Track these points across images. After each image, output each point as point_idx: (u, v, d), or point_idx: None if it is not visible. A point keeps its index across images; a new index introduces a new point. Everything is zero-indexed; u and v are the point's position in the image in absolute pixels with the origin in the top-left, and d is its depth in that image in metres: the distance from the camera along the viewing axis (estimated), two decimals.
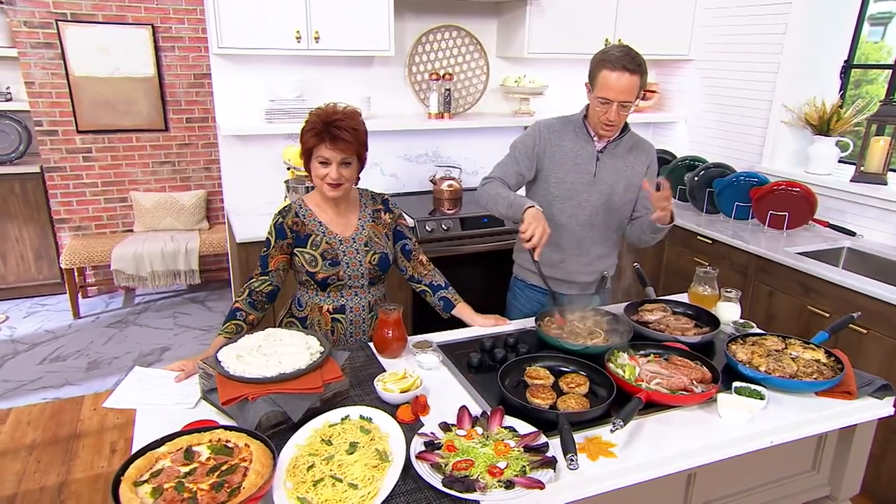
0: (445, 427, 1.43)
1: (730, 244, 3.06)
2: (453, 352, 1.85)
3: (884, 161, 3.01)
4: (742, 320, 2.06)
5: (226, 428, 1.33)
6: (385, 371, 1.68)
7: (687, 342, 1.84)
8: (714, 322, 1.98)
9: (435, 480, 1.24)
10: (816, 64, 3.31)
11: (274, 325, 2.00)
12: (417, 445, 1.35)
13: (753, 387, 1.60)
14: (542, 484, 1.24)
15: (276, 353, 1.55)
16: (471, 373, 1.74)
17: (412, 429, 1.43)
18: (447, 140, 3.78)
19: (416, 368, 1.73)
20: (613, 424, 1.39)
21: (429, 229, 3.16)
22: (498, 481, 1.25)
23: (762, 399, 1.57)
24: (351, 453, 1.30)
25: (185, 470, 1.21)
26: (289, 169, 3.18)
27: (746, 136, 3.61)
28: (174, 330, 4.21)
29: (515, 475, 1.26)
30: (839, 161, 3.27)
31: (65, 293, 4.46)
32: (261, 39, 2.94)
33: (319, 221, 1.95)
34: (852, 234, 3.03)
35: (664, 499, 1.53)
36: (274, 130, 3.18)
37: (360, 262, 1.95)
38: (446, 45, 3.62)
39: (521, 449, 1.34)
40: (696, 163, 3.70)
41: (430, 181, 3.58)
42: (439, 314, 2.11)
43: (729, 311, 2.07)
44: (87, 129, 4.41)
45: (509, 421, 1.44)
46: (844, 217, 3.13)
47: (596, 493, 1.33)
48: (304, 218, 1.94)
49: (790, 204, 3.11)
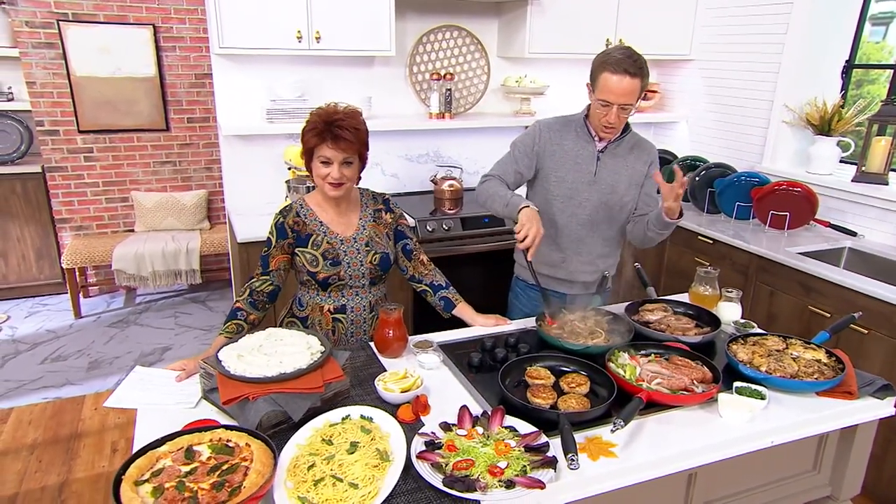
0: (446, 427, 1.43)
1: (731, 244, 3.06)
2: (454, 351, 1.85)
3: (885, 161, 3.00)
4: (743, 320, 2.05)
5: (226, 427, 1.33)
6: (386, 371, 1.68)
7: (688, 342, 1.84)
8: (715, 322, 1.98)
9: (435, 480, 1.24)
10: (818, 64, 3.31)
11: (275, 324, 2.00)
12: (418, 445, 1.35)
13: (754, 387, 1.60)
14: (542, 484, 1.24)
15: (276, 352, 1.55)
16: (471, 372, 1.74)
17: (413, 428, 1.43)
18: (448, 140, 3.78)
19: (417, 368, 1.73)
20: (614, 424, 1.39)
21: (430, 229, 3.16)
22: (498, 481, 1.25)
23: (763, 399, 1.57)
24: (351, 453, 1.30)
25: (185, 469, 1.21)
26: (290, 169, 3.18)
27: (747, 136, 3.61)
28: (175, 330, 4.21)
29: (516, 475, 1.26)
30: (840, 161, 3.27)
31: (66, 293, 4.47)
32: (262, 39, 2.94)
33: (320, 221, 1.95)
34: (853, 234, 3.03)
35: (665, 499, 1.53)
36: (275, 130, 3.18)
37: (361, 261, 1.95)
38: (447, 45, 3.62)
39: (522, 449, 1.34)
40: (697, 163, 3.70)
41: (431, 181, 3.58)
42: (440, 314, 2.11)
43: (730, 311, 2.07)
44: (89, 128, 4.41)
45: (510, 421, 1.45)
46: (845, 217, 3.12)
47: (596, 492, 1.33)
48: (305, 218, 1.94)
49: (791, 204, 3.11)
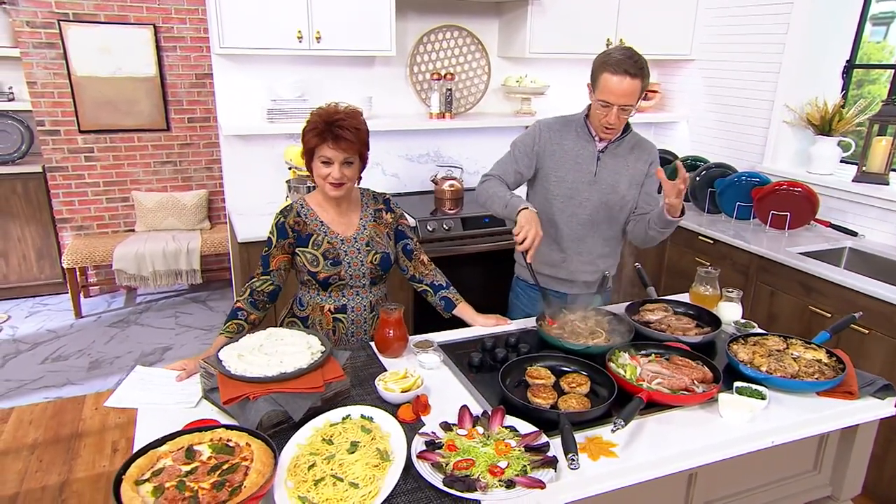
0: (446, 426, 1.43)
1: (731, 244, 3.06)
2: (454, 351, 1.85)
3: (886, 161, 3.00)
4: (743, 320, 2.05)
5: (227, 427, 1.33)
6: (386, 370, 1.68)
7: (688, 342, 1.84)
8: (715, 322, 1.98)
9: (436, 480, 1.24)
10: (818, 64, 3.31)
11: (275, 324, 2.00)
12: (418, 445, 1.35)
13: (755, 387, 1.60)
14: (542, 483, 1.24)
15: (277, 352, 1.55)
16: (472, 372, 1.74)
17: (413, 428, 1.43)
18: (448, 140, 3.78)
19: (417, 368, 1.73)
20: (614, 424, 1.39)
21: (430, 229, 3.16)
22: (499, 481, 1.25)
23: (763, 399, 1.56)
24: (352, 452, 1.30)
25: (186, 469, 1.21)
26: (290, 169, 3.18)
27: (748, 136, 3.61)
28: (176, 329, 4.21)
29: (516, 475, 1.26)
30: (841, 161, 3.27)
31: (67, 293, 4.47)
32: (262, 39, 2.94)
33: (321, 221, 1.95)
34: (854, 234, 3.03)
35: (665, 499, 1.53)
36: (275, 130, 3.18)
37: (362, 261, 1.95)
38: (448, 45, 3.62)
39: (522, 448, 1.34)
40: (697, 163, 3.70)
41: (432, 181, 3.58)
42: (440, 314, 2.11)
43: (730, 311, 2.07)
44: (89, 128, 4.42)
45: (510, 420, 1.45)
46: (846, 217, 3.12)
47: (597, 492, 1.33)
48: (306, 217, 1.94)
49: (792, 204, 3.11)
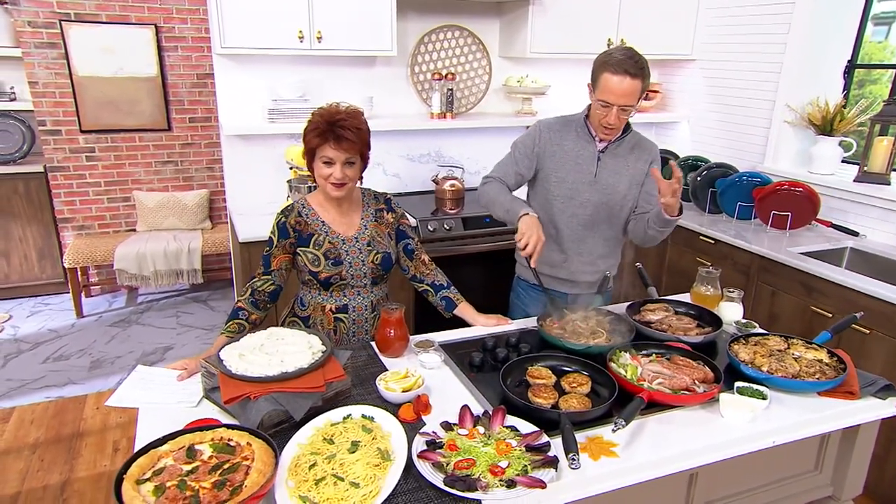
0: (447, 426, 1.43)
1: (732, 244, 3.06)
2: (455, 351, 1.86)
3: (887, 161, 3.00)
4: (744, 320, 2.05)
5: (228, 426, 1.33)
6: (387, 370, 1.68)
7: (689, 342, 1.84)
8: (716, 322, 1.98)
9: (436, 479, 1.24)
10: (820, 64, 3.30)
11: (276, 324, 2.00)
12: (419, 444, 1.35)
13: (756, 387, 1.60)
14: (543, 483, 1.24)
15: (278, 352, 1.55)
16: (472, 372, 1.75)
17: (414, 428, 1.43)
18: (449, 140, 3.78)
19: (418, 368, 1.73)
20: (615, 424, 1.39)
21: (431, 229, 3.16)
22: (499, 480, 1.25)
23: (764, 399, 1.56)
24: (353, 452, 1.30)
25: (187, 468, 1.21)
26: (291, 168, 3.18)
27: (749, 136, 3.60)
28: (177, 329, 4.21)
29: (517, 474, 1.26)
30: (842, 161, 3.27)
31: (68, 292, 4.47)
32: (263, 39, 2.95)
33: (322, 221, 1.95)
34: (855, 234, 3.03)
35: (666, 499, 1.53)
36: (276, 130, 3.19)
37: (363, 261, 1.95)
38: (449, 45, 3.62)
39: (523, 448, 1.34)
40: (698, 163, 3.70)
41: (433, 181, 3.58)
42: (441, 314, 2.11)
43: (731, 311, 2.07)
44: (91, 128, 4.42)
45: (511, 420, 1.45)
46: (847, 217, 3.12)
47: (597, 492, 1.32)
48: (307, 217, 1.94)
49: (793, 204, 3.11)
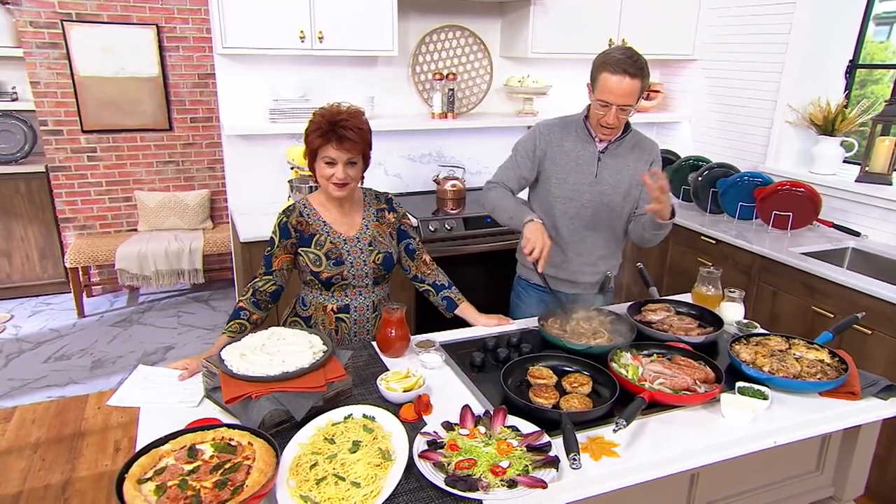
0: (448, 426, 1.43)
1: (733, 244, 3.05)
2: (456, 351, 1.86)
3: (889, 161, 3.00)
4: (746, 320, 2.05)
5: (229, 426, 1.34)
6: (388, 370, 1.68)
7: (690, 342, 1.84)
8: (717, 322, 1.98)
9: (437, 479, 1.24)
10: (821, 64, 3.30)
11: (278, 324, 2.00)
12: (420, 444, 1.35)
13: (757, 387, 1.60)
14: (544, 483, 1.24)
15: (279, 351, 1.55)
16: (473, 372, 1.75)
17: (415, 428, 1.43)
18: (450, 140, 3.78)
19: (419, 368, 1.73)
20: (616, 424, 1.39)
21: (432, 229, 3.16)
22: (500, 480, 1.25)
23: (766, 399, 1.56)
24: (354, 452, 1.30)
25: (188, 468, 1.21)
26: (292, 168, 3.18)
27: (750, 136, 3.60)
28: (178, 329, 4.22)
29: (518, 474, 1.26)
30: (844, 161, 3.26)
31: (69, 292, 4.47)
32: (265, 39, 2.95)
33: (324, 221, 1.95)
34: (857, 234, 3.02)
35: (667, 499, 1.53)
36: (277, 130, 3.19)
37: (365, 261, 1.95)
38: (450, 45, 3.62)
39: (524, 448, 1.34)
40: (699, 163, 3.69)
41: (434, 181, 3.58)
42: (442, 314, 2.11)
43: (732, 312, 2.07)
44: (92, 128, 4.42)
45: (512, 420, 1.45)
46: (849, 217, 3.12)
47: (598, 492, 1.32)
48: (309, 217, 1.94)
49: (794, 204, 3.10)
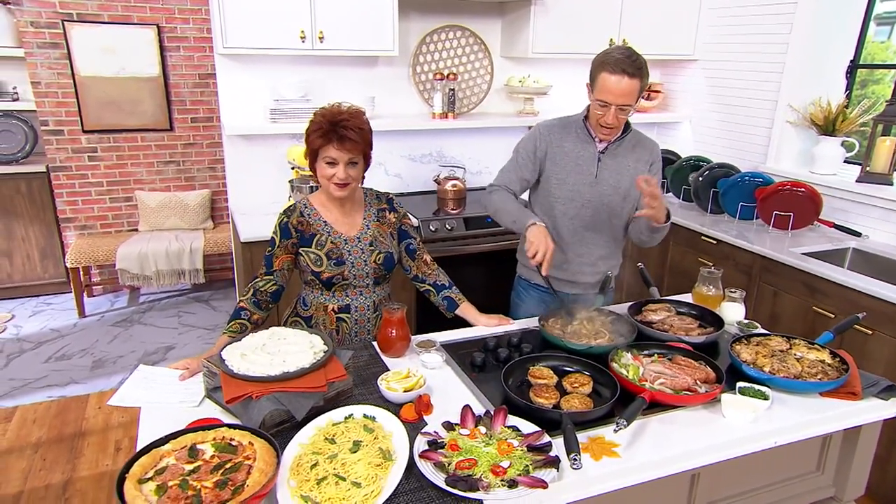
0: (449, 426, 1.43)
1: (734, 244, 3.05)
2: (457, 351, 1.86)
3: (890, 161, 2.99)
4: (746, 320, 2.05)
5: (230, 426, 1.34)
6: (388, 370, 1.68)
7: (691, 342, 1.84)
8: (718, 322, 1.98)
9: (438, 479, 1.24)
10: (822, 64, 3.30)
11: (279, 324, 2.00)
12: (421, 444, 1.35)
13: (757, 387, 1.60)
14: (545, 483, 1.24)
15: (279, 351, 1.55)
16: (474, 372, 1.75)
17: (415, 428, 1.43)
18: (451, 140, 3.78)
19: (420, 368, 1.73)
20: (617, 424, 1.39)
21: (433, 229, 3.16)
22: (501, 480, 1.25)
23: (766, 399, 1.56)
24: (354, 452, 1.30)
25: (189, 468, 1.21)
26: (293, 168, 3.18)
27: (751, 137, 3.60)
28: (179, 329, 4.22)
29: (518, 474, 1.26)
30: (845, 161, 3.26)
31: (70, 292, 4.47)
32: (265, 39, 2.95)
33: (325, 221, 1.95)
34: (857, 234, 3.02)
35: (668, 499, 1.53)
36: (278, 130, 3.19)
37: (366, 261, 1.95)
38: (450, 45, 3.62)
39: (525, 448, 1.34)
40: (700, 163, 3.69)
41: (434, 181, 3.58)
42: (443, 314, 2.11)
43: (733, 312, 2.06)
44: (93, 128, 4.43)
45: (513, 420, 1.45)
46: (849, 217, 3.11)
47: (599, 492, 1.32)
48: (310, 217, 1.94)
49: (795, 204, 3.10)
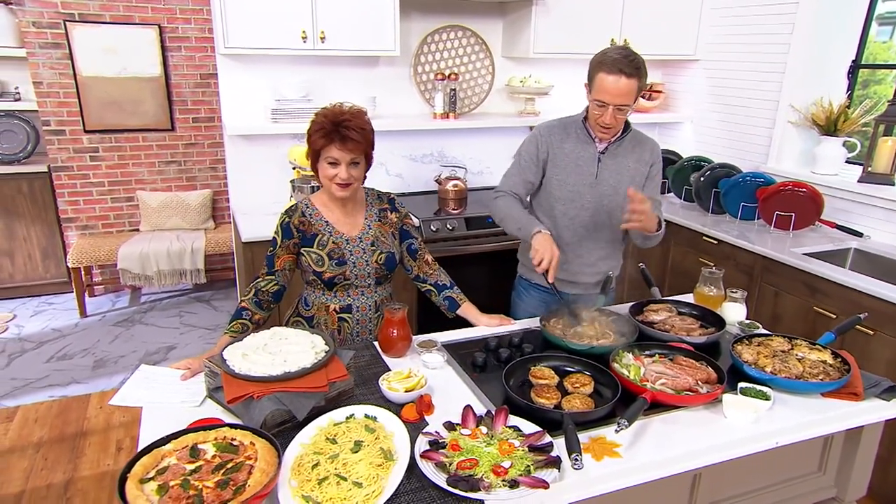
0: (450, 426, 1.43)
1: (735, 245, 3.05)
2: (458, 351, 1.86)
3: (891, 161, 2.99)
4: (748, 321, 2.05)
5: (231, 426, 1.34)
6: (390, 370, 1.68)
7: (692, 342, 1.84)
8: (719, 322, 1.98)
9: (439, 479, 1.24)
10: (824, 64, 3.30)
11: (280, 324, 2.00)
12: (422, 444, 1.35)
13: (759, 387, 1.60)
14: (546, 483, 1.24)
15: (281, 351, 1.56)
16: (475, 372, 1.75)
17: (417, 428, 1.43)
18: (452, 140, 3.78)
19: (421, 368, 1.73)
20: (618, 424, 1.39)
21: (434, 229, 3.16)
22: (502, 481, 1.25)
23: (768, 400, 1.56)
24: (356, 452, 1.30)
25: (190, 468, 1.21)
26: (294, 168, 3.19)
27: (752, 137, 3.60)
28: (180, 329, 4.22)
29: (520, 475, 1.26)
30: (846, 161, 3.26)
31: (72, 292, 4.48)
32: (267, 39, 2.95)
33: (326, 221, 1.95)
34: (859, 234, 3.02)
35: (669, 499, 1.53)
36: (279, 130, 3.19)
37: (367, 261, 1.95)
38: (452, 45, 3.62)
39: (526, 448, 1.34)
40: (701, 163, 3.69)
41: (436, 181, 3.58)
42: (444, 314, 2.11)
43: (734, 312, 2.06)
44: (95, 128, 4.43)
45: (514, 420, 1.45)
46: (851, 218, 3.11)
47: (600, 493, 1.32)
48: (311, 217, 1.94)
49: (796, 204, 3.10)
